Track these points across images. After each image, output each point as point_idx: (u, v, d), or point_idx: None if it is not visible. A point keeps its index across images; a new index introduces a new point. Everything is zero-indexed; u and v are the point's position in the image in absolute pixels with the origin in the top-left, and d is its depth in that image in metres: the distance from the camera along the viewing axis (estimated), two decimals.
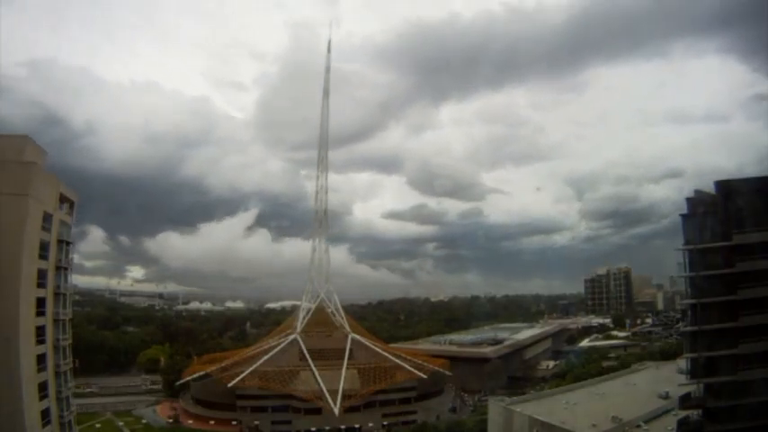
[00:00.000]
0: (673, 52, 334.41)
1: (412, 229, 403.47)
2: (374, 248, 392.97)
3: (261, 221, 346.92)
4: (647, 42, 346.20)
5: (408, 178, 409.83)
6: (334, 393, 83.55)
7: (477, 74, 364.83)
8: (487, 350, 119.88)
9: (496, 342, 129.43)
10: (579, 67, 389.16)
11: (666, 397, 53.19)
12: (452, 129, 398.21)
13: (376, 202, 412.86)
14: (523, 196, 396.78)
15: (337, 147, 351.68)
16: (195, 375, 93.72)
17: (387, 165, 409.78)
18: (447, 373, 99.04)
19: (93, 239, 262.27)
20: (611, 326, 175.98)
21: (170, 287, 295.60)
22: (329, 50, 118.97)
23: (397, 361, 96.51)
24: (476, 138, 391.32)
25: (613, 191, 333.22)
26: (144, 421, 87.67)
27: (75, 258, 43.45)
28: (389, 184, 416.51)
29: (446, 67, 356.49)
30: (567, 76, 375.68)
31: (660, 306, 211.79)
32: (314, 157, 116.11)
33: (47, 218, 36.52)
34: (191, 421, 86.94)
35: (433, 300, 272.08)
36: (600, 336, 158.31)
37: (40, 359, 35.52)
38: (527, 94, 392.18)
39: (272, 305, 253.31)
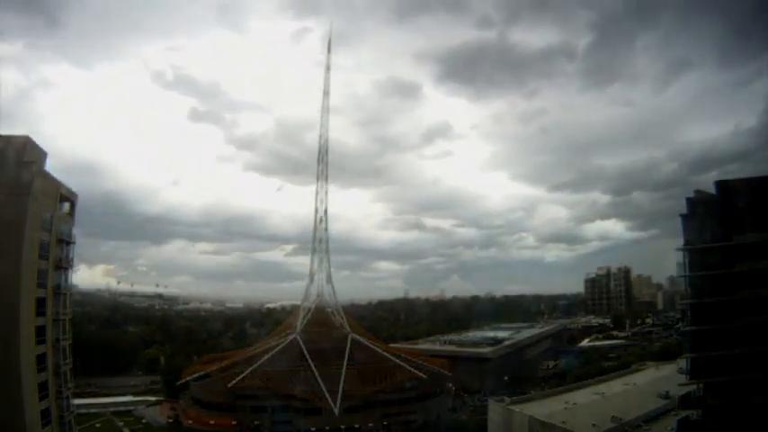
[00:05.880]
0: None
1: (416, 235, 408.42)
2: (378, 250, 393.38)
3: None
4: None
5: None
6: (334, 393, 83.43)
7: None
8: (487, 350, 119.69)
9: (496, 342, 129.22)
10: None
11: (666, 397, 53.20)
12: None
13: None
14: None
15: None
16: (195, 375, 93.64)
17: None
18: (447, 373, 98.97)
19: None
20: (611, 326, 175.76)
21: (171, 287, 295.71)
22: (329, 50, 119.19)
23: (397, 361, 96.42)
24: None
25: None
26: (144, 421, 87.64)
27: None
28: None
29: None
30: None
31: (660, 306, 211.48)
32: None
33: (47, 218, 36.58)
34: (191, 421, 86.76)
35: (432, 300, 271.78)
36: (600, 336, 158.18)
37: (40, 359, 35.51)
38: None
39: (271, 305, 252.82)
